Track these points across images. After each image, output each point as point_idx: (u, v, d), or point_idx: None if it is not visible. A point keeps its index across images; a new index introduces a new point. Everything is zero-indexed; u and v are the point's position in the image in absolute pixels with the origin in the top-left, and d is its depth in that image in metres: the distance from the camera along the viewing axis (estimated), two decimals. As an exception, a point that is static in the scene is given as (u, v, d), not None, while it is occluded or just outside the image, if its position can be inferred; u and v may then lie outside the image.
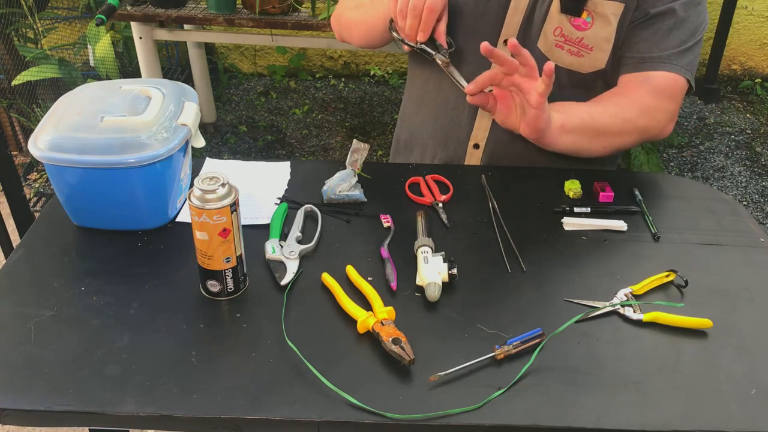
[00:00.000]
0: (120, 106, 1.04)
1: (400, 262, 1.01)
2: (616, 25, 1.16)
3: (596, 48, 1.18)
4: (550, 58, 1.19)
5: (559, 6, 1.16)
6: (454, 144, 1.32)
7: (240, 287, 0.96)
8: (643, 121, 1.20)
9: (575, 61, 1.19)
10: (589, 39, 1.17)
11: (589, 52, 1.18)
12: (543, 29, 1.18)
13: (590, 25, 1.16)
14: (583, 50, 1.18)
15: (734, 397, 0.83)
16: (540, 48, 1.19)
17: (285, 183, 1.20)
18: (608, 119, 1.18)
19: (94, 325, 0.91)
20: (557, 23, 1.17)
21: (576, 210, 1.14)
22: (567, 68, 1.20)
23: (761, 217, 2.84)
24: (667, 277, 1.00)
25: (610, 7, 1.15)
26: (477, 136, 1.29)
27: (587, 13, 1.16)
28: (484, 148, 1.29)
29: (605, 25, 1.16)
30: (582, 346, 0.89)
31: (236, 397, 0.81)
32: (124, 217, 1.07)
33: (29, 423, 0.83)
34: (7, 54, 2.77)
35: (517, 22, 1.19)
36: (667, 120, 1.22)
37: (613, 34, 1.17)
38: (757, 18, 3.70)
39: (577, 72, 1.20)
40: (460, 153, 1.31)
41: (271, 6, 2.51)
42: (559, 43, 1.18)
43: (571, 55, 1.18)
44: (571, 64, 1.19)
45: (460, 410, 0.80)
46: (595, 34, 1.17)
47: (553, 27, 1.17)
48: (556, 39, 1.18)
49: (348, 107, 3.60)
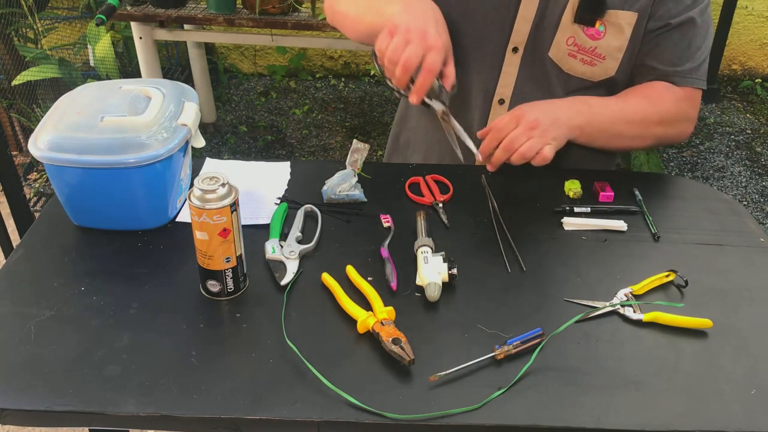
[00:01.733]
0: (120, 106, 1.04)
1: (400, 262, 1.01)
2: (629, 34, 1.16)
3: (608, 57, 1.18)
4: (563, 67, 1.19)
5: (572, 16, 1.15)
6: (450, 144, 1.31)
7: (240, 287, 0.96)
8: (661, 130, 1.23)
9: (588, 69, 1.19)
10: (602, 48, 1.17)
11: (601, 61, 1.18)
12: (555, 39, 1.17)
13: (603, 34, 1.16)
14: (596, 59, 1.18)
15: (734, 397, 0.83)
16: (552, 57, 1.19)
17: (285, 183, 1.20)
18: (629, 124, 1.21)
19: (94, 325, 0.91)
20: (570, 33, 1.17)
21: (576, 210, 1.14)
22: (579, 77, 1.20)
23: (761, 217, 2.84)
24: (667, 277, 1.00)
25: (625, 17, 1.15)
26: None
27: (600, 22, 1.15)
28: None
29: (618, 34, 1.16)
30: (582, 346, 0.89)
31: (236, 397, 0.81)
32: (124, 217, 1.06)
33: (29, 423, 0.83)
34: (7, 54, 2.77)
35: (525, 30, 1.18)
36: (687, 126, 1.26)
37: (626, 43, 1.17)
38: (757, 18, 3.70)
39: (587, 80, 1.20)
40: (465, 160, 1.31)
41: (271, 6, 2.51)
42: (572, 52, 1.18)
43: (584, 64, 1.19)
44: (584, 72, 1.19)
45: (460, 410, 0.80)
46: (609, 44, 1.17)
47: (566, 36, 1.17)
48: (569, 48, 1.17)
49: (348, 107, 3.60)
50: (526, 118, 1.12)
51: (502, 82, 1.23)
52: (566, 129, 1.15)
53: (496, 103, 1.24)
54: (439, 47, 0.99)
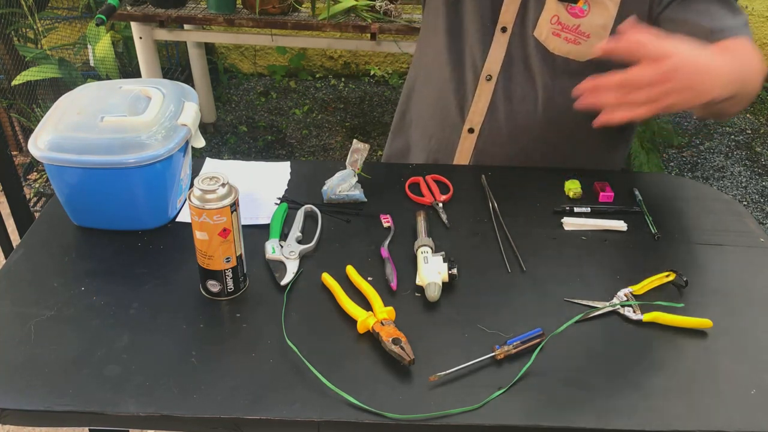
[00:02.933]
0: (120, 106, 1.04)
1: (400, 262, 1.01)
2: (615, 12, 1.16)
3: (593, 35, 1.18)
4: (547, 46, 1.20)
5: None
6: (449, 127, 1.32)
7: (240, 287, 0.96)
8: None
9: (573, 48, 1.20)
10: (585, 26, 1.18)
11: (586, 39, 1.18)
12: (540, 18, 1.19)
13: (587, 12, 1.17)
14: (580, 38, 1.18)
15: (734, 397, 0.83)
16: (536, 36, 1.20)
17: (285, 183, 1.21)
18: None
19: (94, 325, 0.91)
20: (554, 11, 1.18)
21: (576, 210, 1.14)
22: (564, 56, 1.21)
23: (761, 217, 2.84)
24: (667, 277, 1.00)
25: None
26: (473, 120, 1.29)
27: (584, 1, 1.16)
28: (479, 133, 1.29)
29: (602, 11, 1.17)
30: (582, 346, 0.89)
31: (236, 397, 0.81)
32: (124, 217, 1.06)
33: (29, 423, 0.83)
34: (7, 54, 2.78)
35: (513, 10, 1.21)
36: None
37: (611, 21, 1.17)
38: (757, 18, 3.70)
39: (574, 60, 1.21)
40: (454, 137, 1.32)
41: (271, 6, 2.51)
42: (556, 31, 1.19)
43: (568, 43, 1.19)
44: (569, 52, 1.20)
45: (460, 410, 0.80)
46: (592, 22, 1.17)
47: (550, 15, 1.18)
48: (553, 27, 1.19)
49: (348, 107, 3.60)
50: (677, 78, 0.86)
51: (490, 59, 1.25)
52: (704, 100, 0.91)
53: (483, 79, 1.25)
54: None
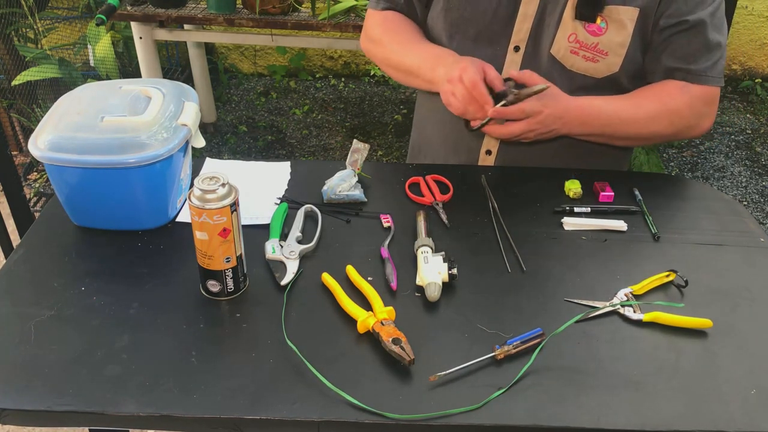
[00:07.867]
0: (120, 106, 1.04)
1: (400, 262, 1.01)
2: (632, 29, 1.16)
3: (611, 53, 1.18)
4: (565, 64, 1.19)
5: (572, 13, 1.16)
6: (465, 151, 1.32)
7: (240, 287, 0.96)
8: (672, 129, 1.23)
9: (590, 66, 1.19)
10: (604, 44, 1.17)
11: (604, 57, 1.18)
12: (557, 36, 1.18)
13: (605, 30, 1.16)
14: (598, 55, 1.18)
15: (734, 397, 0.83)
16: (554, 54, 1.19)
17: (285, 183, 1.20)
18: (636, 124, 1.22)
19: (94, 325, 0.91)
20: (572, 30, 1.17)
21: (576, 210, 1.14)
22: (582, 74, 1.20)
23: (761, 217, 2.84)
24: (667, 277, 1.00)
25: (626, 12, 1.15)
26: (489, 142, 1.28)
27: (601, 18, 1.15)
28: (497, 153, 1.29)
29: (620, 29, 1.16)
30: (582, 346, 0.89)
31: (236, 397, 0.81)
32: (124, 217, 1.07)
33: (29, 423, 0.83)
34: (7, 54, 2.78)
35: (526, 29, 1.19)
36: (703, 121, 1.25)
37: (628, 38, 1.17)
38: (757, 18, 3.70)
39: (591, 77, 1.20)
40: (472, 159, 1.31)
41: (271, 6, 2.51)
42: (574, 49, 1.18)
43: (587, 61, 1.18)
44: (587, 69, 1.19)
45: (460, 410, 0.80)
46: (610, 39, 1.17)
47: (568, 33, 1.17)
48: (571, 45, 1.18)
49: (348, 107, 3.60)
50: (541, 122, 1.15)
51: None
52: (566, 132, 1.19)
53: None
54: (464, 67, 1.12)
